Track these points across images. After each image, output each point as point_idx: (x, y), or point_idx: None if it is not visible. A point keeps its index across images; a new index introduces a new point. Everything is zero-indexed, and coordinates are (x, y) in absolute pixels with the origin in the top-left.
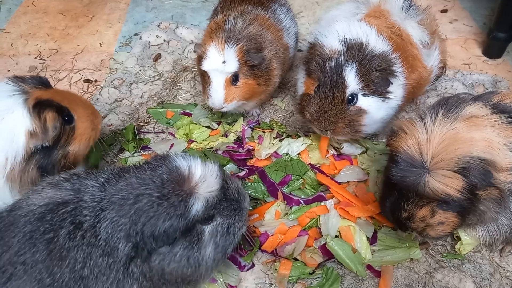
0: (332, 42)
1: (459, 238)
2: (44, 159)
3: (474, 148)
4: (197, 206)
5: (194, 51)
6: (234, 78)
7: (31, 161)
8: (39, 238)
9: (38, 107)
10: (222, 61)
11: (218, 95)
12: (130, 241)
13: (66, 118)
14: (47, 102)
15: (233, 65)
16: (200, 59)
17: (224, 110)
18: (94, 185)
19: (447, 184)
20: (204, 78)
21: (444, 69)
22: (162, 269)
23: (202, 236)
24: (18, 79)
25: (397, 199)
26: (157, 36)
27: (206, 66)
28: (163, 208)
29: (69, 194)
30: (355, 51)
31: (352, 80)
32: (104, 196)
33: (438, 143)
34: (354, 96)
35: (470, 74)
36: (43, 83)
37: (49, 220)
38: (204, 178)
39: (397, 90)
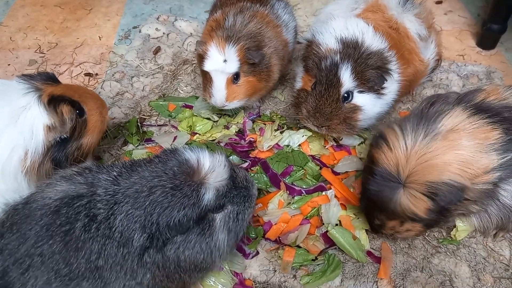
0: (328, 41)
1: (454, 225)
2: (58, 152)
3: (447, 172)
4: (208, 195)
5: (195, 50)
6: (235, 77)
7: (47, 154)
8: (55, 230)
9: (53, 102)
10: (223, 60)
11: (220, 94)
12: (145, 232)
13: (77, 111)
14: (60, 97)
15: (234, 65)
16: (200, 57)
17: (226, 108)
18: (107, 179)
19: (415, 204)
20: (206, 77)
21: (440, 62)
22: (178, 257)
23: (213, 223)
24: (27, 77)
25: (371, 205)
26: (157, 29)
27: (207, 66)
28: (177, 198)
29: (83, 188)
30: (351, 49)
31: (347, 78)
32: (118, 190)
33: (414, 165)
34: (349, 93)
35: (464, 65)
36: (52, 79)
37: (65, 214)
38: (213, 169)
39: (392, 85)
